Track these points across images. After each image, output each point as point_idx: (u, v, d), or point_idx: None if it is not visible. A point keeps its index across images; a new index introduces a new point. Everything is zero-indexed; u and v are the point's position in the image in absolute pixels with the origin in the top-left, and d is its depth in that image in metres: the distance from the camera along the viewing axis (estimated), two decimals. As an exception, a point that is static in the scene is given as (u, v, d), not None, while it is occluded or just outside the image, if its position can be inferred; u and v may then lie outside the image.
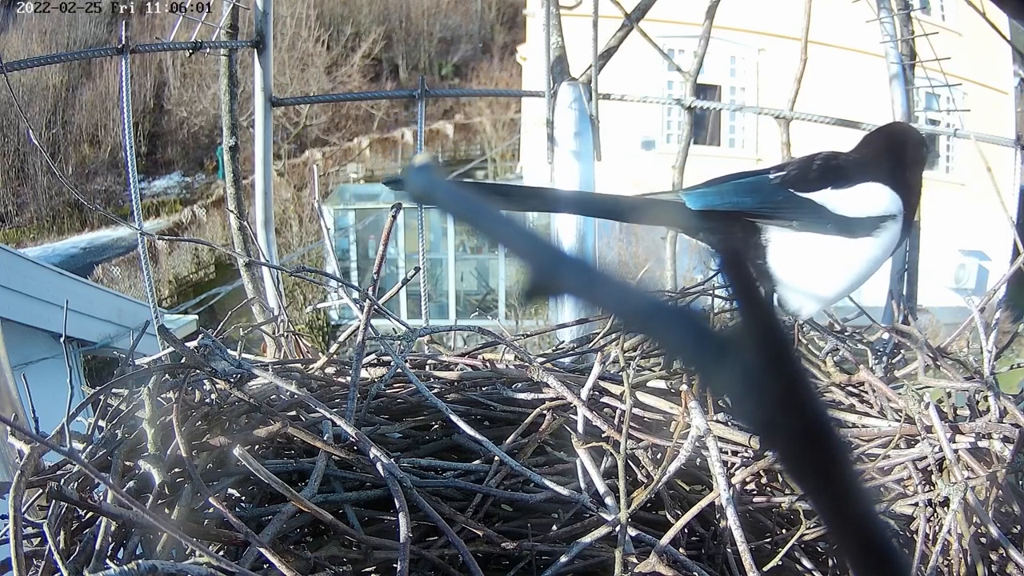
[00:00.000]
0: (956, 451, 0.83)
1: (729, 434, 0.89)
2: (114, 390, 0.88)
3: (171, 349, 0.93)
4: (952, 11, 8.89)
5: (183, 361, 0.87)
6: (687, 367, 0.94)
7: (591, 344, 1.11)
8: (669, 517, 0.87)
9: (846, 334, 1.13)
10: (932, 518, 0.83)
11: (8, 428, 0.82)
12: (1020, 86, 1.73)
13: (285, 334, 1.19)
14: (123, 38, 1.39)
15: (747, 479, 0.89)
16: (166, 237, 7.40)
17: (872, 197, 0.99)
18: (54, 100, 14.62)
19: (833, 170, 1.01)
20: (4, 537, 0.63)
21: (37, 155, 13.33)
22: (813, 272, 0.99)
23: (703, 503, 0.82)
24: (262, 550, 0.64)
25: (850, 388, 1.00)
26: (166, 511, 0.72)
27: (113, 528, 0.68)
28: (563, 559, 0.77)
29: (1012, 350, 1.15)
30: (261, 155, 1.72)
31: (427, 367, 1.06)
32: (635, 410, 0.91)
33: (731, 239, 1.01)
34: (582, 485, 0.83)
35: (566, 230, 1.55)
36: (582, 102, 1.58)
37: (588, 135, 1.59)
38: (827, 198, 0.98)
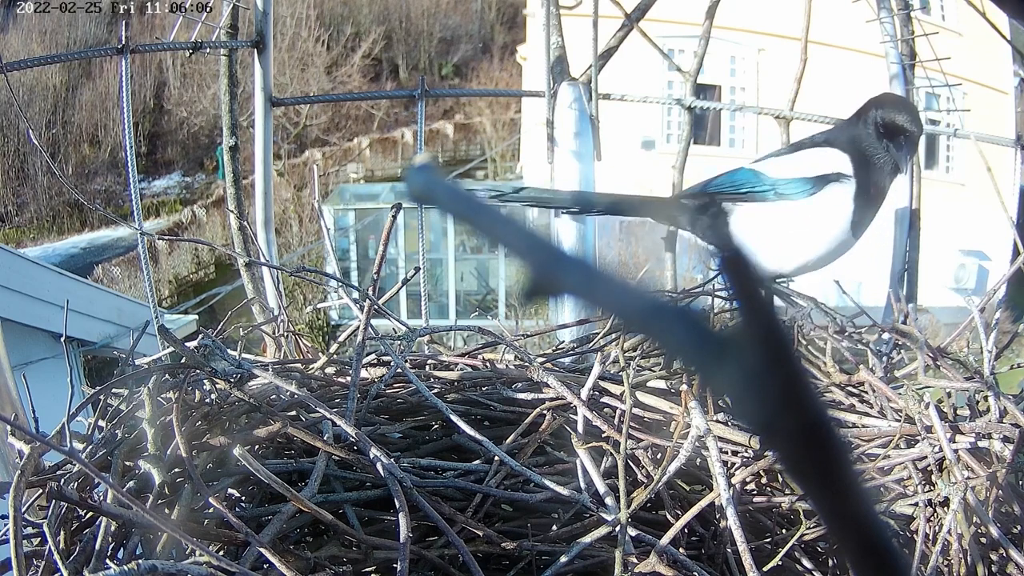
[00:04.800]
0: (956, 451, 0.83)
1: (729, 434, 0.89)
2: (114, 390, 0.88)
3: (171, 349, 0.93)
4: (952, 11, 8.90)
5: (183, 361, 0.87)
6: (687, 367, 0.94)
7: (591, 344, 1.11)
8: (669, 517, 0.87)
9: (846, 334, 1.13)
10: (932, 518, 0.83)
11: (8, 428, 0.82)
12: (1020, 86, 1.73)
13: (285, 334, 1.19)
14: (123, 38, 1.39)
15: (747, 479, 0.89)
16: (166, 237, 7.39)
17: (813, 160, 0.98)
18: (54, 100, 14.63)
19: (796, 144, 1.02)
20: (4, 537, 0.63)
21: (37, 155, 13.33)
22: (768, 242, 0.99)
23: (703, 503, 0.82)
24: (262, 550, 0.64)
25: (850, 388, 1.00)
26: (166, 511, 0.72)
27: (113, 528, 0.68)
28: (563, 559, 0.77)
29: (1012, 350, 1.15)
30: (261, 155, 1.72)
31: (427, 367, 1.06)
32: (635, 410, 0.91)
33: (702, 220, 1.02)
34: (582, 485, 0.83)
35: (566, 230, 1.55)
36: (582, 102, 1.58)
37: (588, 135, 1.58)
38: (767, 166, 0.98)
